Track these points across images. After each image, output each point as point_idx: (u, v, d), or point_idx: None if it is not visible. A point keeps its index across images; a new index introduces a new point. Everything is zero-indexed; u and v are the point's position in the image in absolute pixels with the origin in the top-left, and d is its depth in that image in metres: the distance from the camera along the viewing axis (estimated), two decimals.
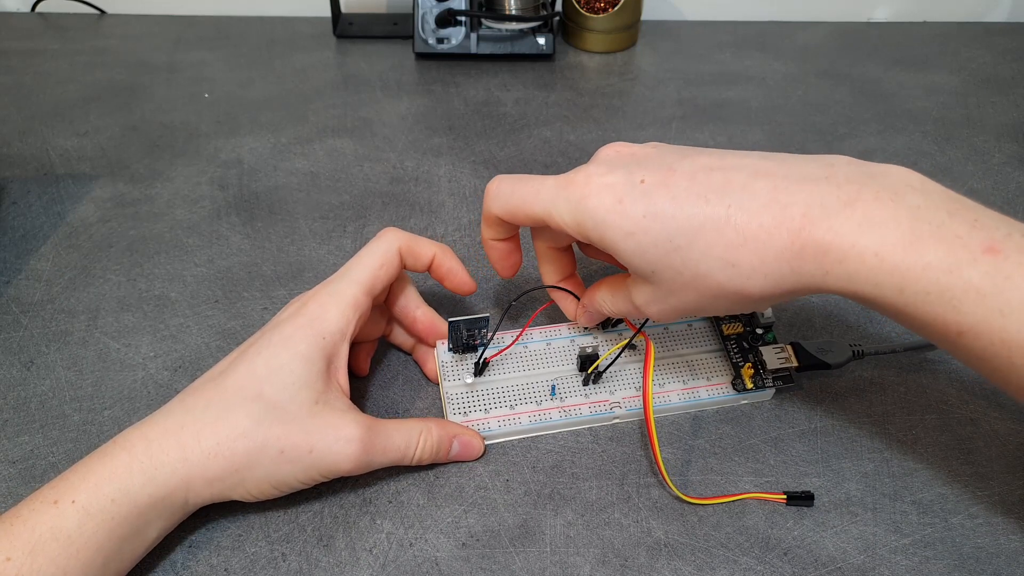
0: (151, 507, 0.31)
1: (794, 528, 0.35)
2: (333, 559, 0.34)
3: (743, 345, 0.41)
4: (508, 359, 0.40)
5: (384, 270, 0.37)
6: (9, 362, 0.42)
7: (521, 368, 0.40)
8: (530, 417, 0.38)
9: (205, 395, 0.33)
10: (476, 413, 0.38)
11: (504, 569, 0.33)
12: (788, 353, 0.40)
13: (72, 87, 0.66)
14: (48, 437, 0.38)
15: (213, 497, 0.32)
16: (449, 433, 0.37)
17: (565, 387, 0.40)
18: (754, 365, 0.40)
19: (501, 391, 0.39)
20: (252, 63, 0.71)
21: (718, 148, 0.33)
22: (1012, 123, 0.63)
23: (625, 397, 0.39)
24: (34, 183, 0.55)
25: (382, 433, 0.34)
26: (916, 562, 0.34)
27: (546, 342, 0.41)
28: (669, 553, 0.34)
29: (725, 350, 0.41)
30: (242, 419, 0.32)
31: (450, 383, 0.39)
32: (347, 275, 0.36)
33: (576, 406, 0.39)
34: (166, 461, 0.31)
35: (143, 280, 0.47)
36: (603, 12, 0.72)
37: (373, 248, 0.37)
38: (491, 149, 0.60)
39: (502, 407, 0.39)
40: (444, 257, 0.39)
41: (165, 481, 0.31)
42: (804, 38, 0.77)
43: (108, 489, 0.30)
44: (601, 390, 0.40)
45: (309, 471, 0.33)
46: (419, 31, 0.70)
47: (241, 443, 0.32)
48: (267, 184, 0.56)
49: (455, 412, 0.38)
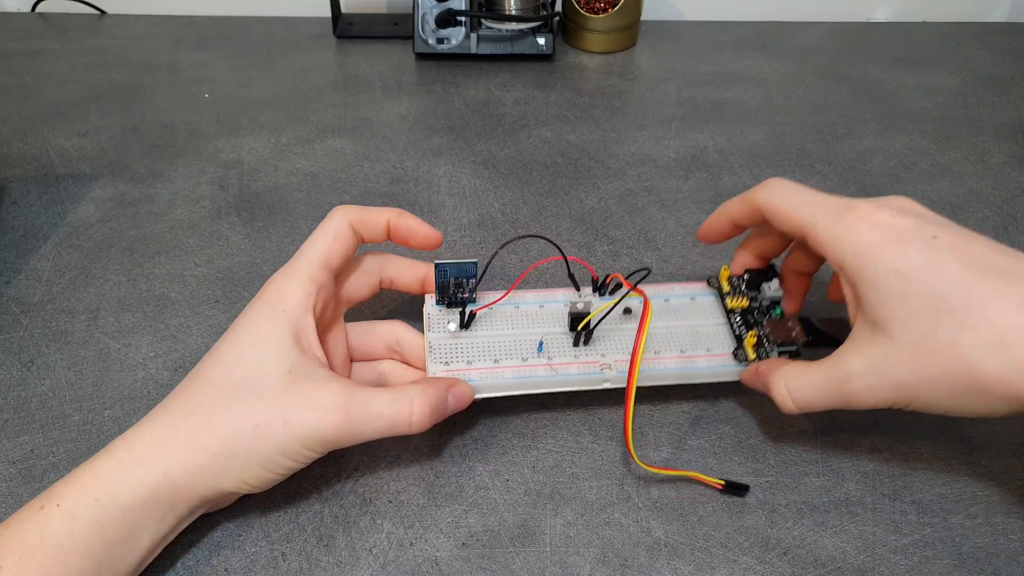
0: (137, 508, 0.30)
1: (794, 528, 0.35)
2: (333, 559, 0.34)
3: (748, 319, 0.39)
4: (497, 316, 0.39)
5: (337, 243, 0.36)
6: (9, 362, 0.42)
7: (509, 326, 0.39)
8: (514, 372, 0.37)
9: (181, 392, 0.33)
10: (458, 363, 0.37)
11: (504, 569, 0.33)
12: (796, 328, 0.38)
13: (72, 87, 0.66)
14: (48, 437, 0.38)
15: (203, 494, 0.31)
16: (443, 389, 0.35)
17: (554, 345, 0.38)
18: (758, 336, 0.38)
19: (486, 344, 0.38)
20: (252, 63, 0.71)
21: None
22: (1012, 123, 0.63)
23: (617, 360, 0.38)
24: (34, 183, 0.55)
25: (365, 399, 0.33)
26: (916, 562, 0.34)
27: (539, 304, 0.40)
28: (669, 553, 0.34)
29: (728, 323, 0.40)
30: (212, 404, 0.31)
31: (434, 334, 0.38)
32: (300, 255, 0.36)
33: (564, 365, 0.37)
34: (144, 458, 0.30)
35: (143, 280, 0.47)
36: (603, 12, 0.72)
37: (323, 226, 0.37)
38: (491, 149, 0.60)
39: (486, 360, 0.37)
40: (400, 218, 0.38)
41: (145, 478, 0.30)
42: (804, 38, 0.77)
43: (92, 490, 0.29)
44: (592, 352, 0.38)
45: (290, 444, 0.31)
46: (419, 31, 0.70)
47: (214, 427, 0.31)
48: (267, 184, 0.56)
49: (436, 361, 0.37)
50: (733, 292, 0.41)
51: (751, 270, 0.40)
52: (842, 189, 0.55)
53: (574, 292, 0.40)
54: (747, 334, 0.38)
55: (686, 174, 0.57)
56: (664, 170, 0.57)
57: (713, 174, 0.57)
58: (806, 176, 0.57)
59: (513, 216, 0.53)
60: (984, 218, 0.52)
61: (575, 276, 0.40)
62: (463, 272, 0.37)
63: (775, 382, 0.34)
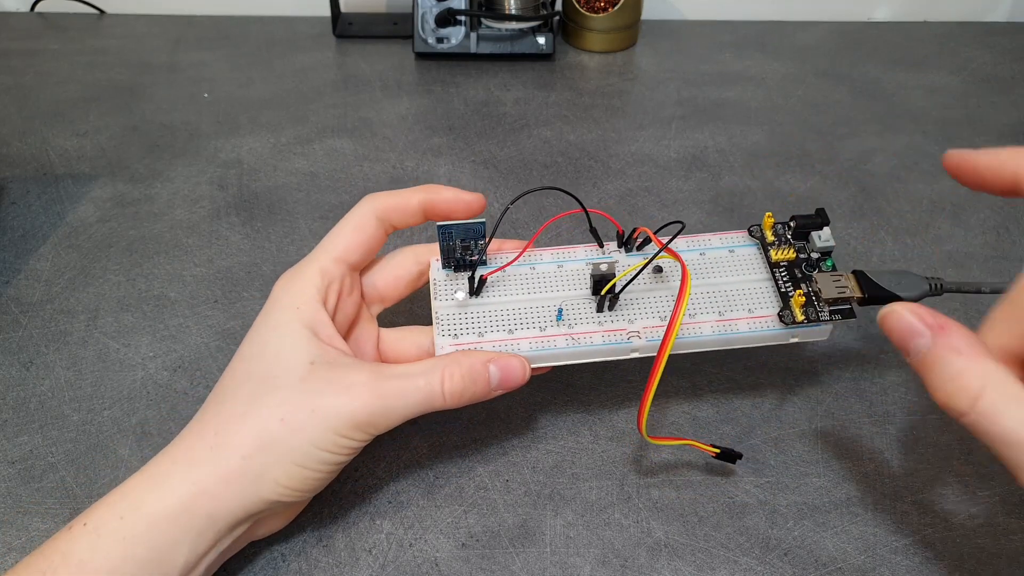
0: (168, 521, 0.28)
1: (794, 528, 0.35)
2: (332, 559, 0.34)
3: (795, 273, 0.35)
4: (510, 279, 0.35)
5: (356, 235, 0.34)
6: (8, 362, 0.42)
7: (524, 290, 0.35)
8: (531, 344, 0.33)
9: (208, 403, 0.31)
10: (468, 336, 0.34)
11: (504, 569, 0.33)
12: (850, 283, 0.34)
13: (72, 87, 0.66)
14: (48, 437, 0.38)
15: (243, 504, 0.29)
16: (481, 359, 0.32)
17: (575, 312, 0.34)
18: (806, 295, 0.34)
19: (499, 313, 0.34)
20: (252, 63, 0.71)
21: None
22: (1012, 123, 0.63)
23: (646, 327, 0.34)
24: (34, 183, 0.55)
25: (393, 374, 0.31)
26: (916, 562, 0.34)
27: (557, 264, 0.36)
28: (669, 553, 0.34)
29: (772, 279, 0.35)
30: (234, 402, 0.30)
31: (440, 302, 0.35)
32: (317, 248, 0.35)
33: (587, 334, 0.34)
34: (173, 468, 0.29)
35: (143, 280, 0.47)
36: (603, 12, 0.72)
37: (346, 217, 0.35)
38: (491, 149, 0.60)
39: (499, 331, 0.34)
40: (433, 193, 0.35)
41: (175, 489, 0.28)
42: (804, 38, 0.77)
43: (118, 507, 0.28)
44: (618, 317, 0.34)
45: (321, 432, 0.29)
46: (419, 31, 0.70)
47: (240, 427, 0.29)
48: (267, 184, 0.56)
49: (444, 333, 0.34)
50: (778, 242, 0.36)
51: (799, 216, 0.36)
52: (843, 189, 0.55)
53: (596, 249, 0.37)
54: (794, 292, 0.34)
55: (686, 174, 0.57)
56: (664, 170, 0.57)
57: (713, 174, 0.57)
58: (806, 176, 0.57)
59: (513, 216, 0.53)
60: (985, 218, 0.52)
61: (597, 231, 0.36)
62: (470, 233, 0.34)
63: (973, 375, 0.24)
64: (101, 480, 0.36)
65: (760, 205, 0.54)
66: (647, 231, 0.35)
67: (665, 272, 0.35)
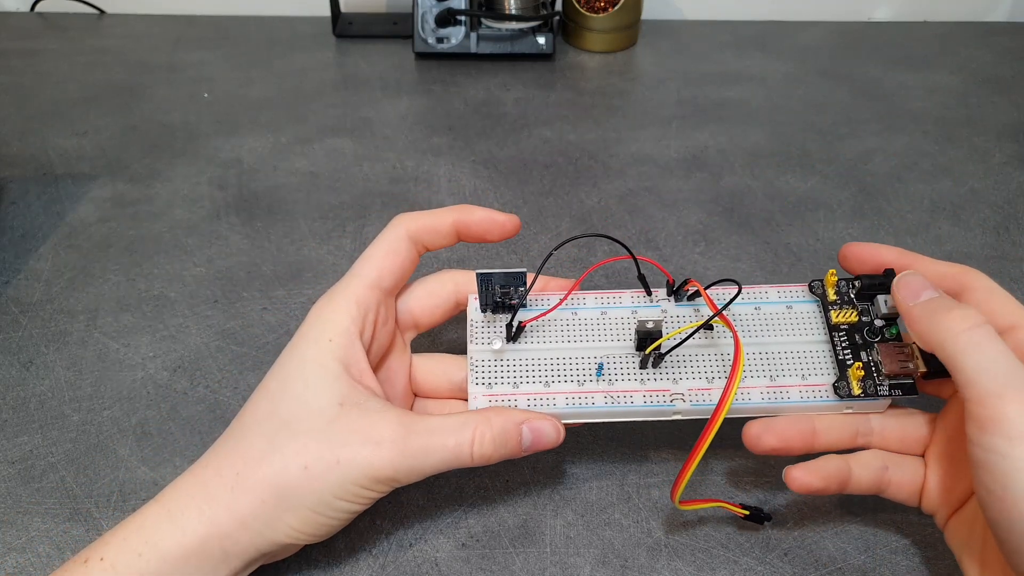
0: (182, 559, 0.27)
1: (794, 528, 0.35)
2: (332, 560, 0.34)
3: (855, 339, 0.33)
4: (550, 325, 0.34)
5: (390, 259, 0.33)
6: (8, 362, 0.42)
7: (564, 338, 0.33)
8: (567, 399, 0.32)
9: (230, 433, 0.30)
10: (502, 387, 0.32)
11: (504, 570, 0.33)
12: (914, 354, 0.31)
13: (72, 87, 0.66)
14: (47, 437, 0.38)
15: (258, 545, 0.28)
16: (514, 420, 0.31)
17: (616, 367, 0.32)
18: (866, 366, 0.32)
19: (536, 363, 0.33)
20: (252, 63, 0.71)
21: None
22: (1013, 123, 0.63)
23: (691, 389, 0.32)
24: (33, 183, 0.55)
25: (423, 430, 0.29)
26: (916, 562, 0.33)
27: (600, 310, 0.34)
28: (669, 553, 0.34)
29: (831, 342, 0.33)
30: (257, 442, 0.29)
31: (476, 346, 0.33)
32: (350, 273, 0.33)
33: (627, 392, 0.32)
34: (190, 504, 0.28)
35: (142, 280, 0.47)
36: (603, 11, 0.72)
37: (378, 239, 0.33)
38: (491, 149, 0.60)
39: (535, 383, 0.32)
40: (466, 214, 0.34)
41: (191, 527, 0.28)
42: (804, 38, 0.77)
43: (134, 543, 0.27)
44: (661, 376, 0.32)
45: (344, 485, 0.28)
46: (419, 30, 0.70)
47: (261, 470, 0.28)
48: (267, 184, 0.55)
49: (478, 382, 0.32)
50: (840, 302, 0.34)
51: (865, 276, 0.33)
52: (843, 189, 0.55)
53: (643, 295, 0.35)
54: (853, 363, 0.32)
55: (687, 174, 0.57)
56: (664, 170, 0.57)
57: (714, 174, 0.57)
58: (807, 176, 0.57)
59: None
60: (985, 218, 0.52)
61: (645, 278, 0.34)
62: (511, 281, 0.33)
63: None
64: (101, 480, 0.36)
65: (760, 205, 0.54)
66: (698, 286, 0.33)
67: (716, 331, 0.33)
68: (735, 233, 0.51)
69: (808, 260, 0.49)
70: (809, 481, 0.31)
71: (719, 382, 0.32)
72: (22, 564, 0.33)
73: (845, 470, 0.31)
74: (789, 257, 0.49)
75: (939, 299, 0.28)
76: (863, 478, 0.31)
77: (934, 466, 0.31)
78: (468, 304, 0.35)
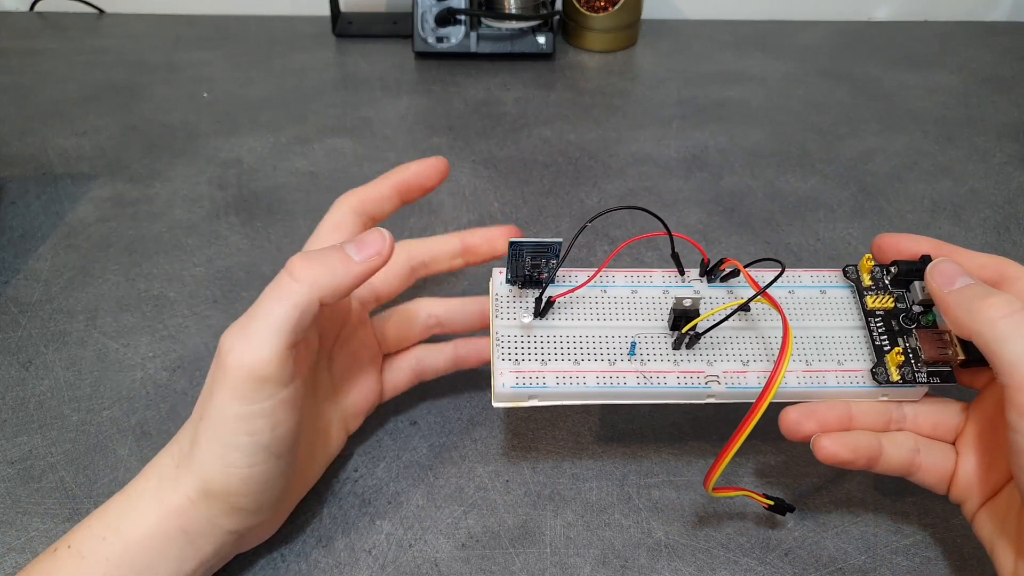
0: (145, 539, 0.28)
1: (795, 529, 0.35)
2: (332, 560, 0.34)
3: (891, 325, 0.32)
4: (580, 302, 0.32)
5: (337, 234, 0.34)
6: (7, 362, 0.42)
7: (595, 316, 0.32)
8: (598, 378, 0.31)
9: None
10: (530, 363, 0.31)
11: (504, 570, 0.33)
12: (953, 342, 0.31)
13: (71, 87, 0.66)
14: (47, 437, 0.38)
15: (212, 519, 0.29)
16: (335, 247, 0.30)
17: (648, 347, 0.31)
18: (904, 352, 0.31)
19: (565, 340, 0.31)
20: (252, 63, 0.71)
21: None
22: (1013, 122, 0.63)
23: (726, 371, 0.31)
24: (33, 183, 0.55)
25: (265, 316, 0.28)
26: (917, 563, 0.33)
27: (632, 288, 0.33)
28: (670, 554, 0.34)
29: (867, 328, 0.32)
30: (194, 416, 0.30)
31: (502, 321, 0.32)
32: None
33: (660, 373, 0.31)
34: (147, 488, 0.29)
35: (142, 280, 0.47)
36: (603, 11, 0.72)
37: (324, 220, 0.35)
38: (491, 149, 0.60)
39: (564, 360, 0.31)
40: (401, 171, 0.36)
41: (148, 509, 0.28)
42: (804, 38, 0.77)
43: (98, 528, 0.28)
44: (696, 357, 0.31)
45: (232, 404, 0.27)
46: (419, 30, 0.70)
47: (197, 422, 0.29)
48: (266, 184, 0.55)
49: (503, 358, 0.31)
50: (875, 287, 0.33)
51: (900, 261, 0.32)
52: (843, 189, 0.55)
53: (676, 275, 0.34)
54: (891, 348, 0.31)
55: (687, 174, 0.57)
56: (664, 170, 0.57)
57: (714, 174, 0.57)
58: (807, 176, 0.57)
59: (513, 216, 0.52)
60: (985, 218, 0.52)
61: (679, 256, 0.33)
62: (544, 252, 0.31)
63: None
64: (100, 480, 0.36)
65: (761, 205, 0.53)
66: (738, 265, 0.32)
67: (753, 312, 0.32)
68: (735, 233, 0.51)
69: (808, 260, 0.49)
70: (836, 451, 0.30)
71: (755, 365, 0.31)
72: (22, 564, 0.33)
73: (876, 447, 0.31)
74: (789, 257, 0.49)
75: (975, 286, 0.28)
76: (894, 457, 0.31)
77: (967, 454, 0.31)
78: (492, 278, 0.33)
